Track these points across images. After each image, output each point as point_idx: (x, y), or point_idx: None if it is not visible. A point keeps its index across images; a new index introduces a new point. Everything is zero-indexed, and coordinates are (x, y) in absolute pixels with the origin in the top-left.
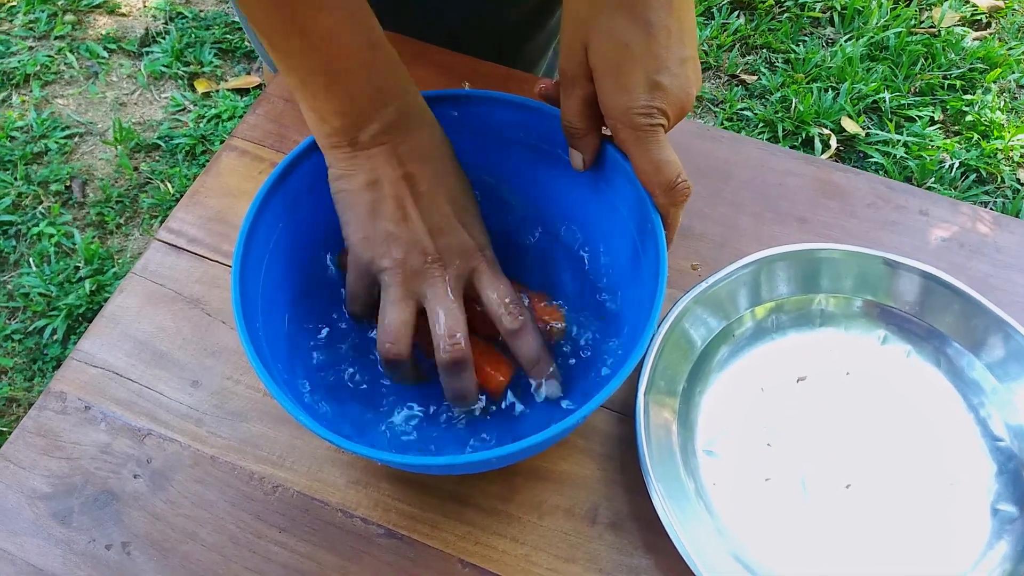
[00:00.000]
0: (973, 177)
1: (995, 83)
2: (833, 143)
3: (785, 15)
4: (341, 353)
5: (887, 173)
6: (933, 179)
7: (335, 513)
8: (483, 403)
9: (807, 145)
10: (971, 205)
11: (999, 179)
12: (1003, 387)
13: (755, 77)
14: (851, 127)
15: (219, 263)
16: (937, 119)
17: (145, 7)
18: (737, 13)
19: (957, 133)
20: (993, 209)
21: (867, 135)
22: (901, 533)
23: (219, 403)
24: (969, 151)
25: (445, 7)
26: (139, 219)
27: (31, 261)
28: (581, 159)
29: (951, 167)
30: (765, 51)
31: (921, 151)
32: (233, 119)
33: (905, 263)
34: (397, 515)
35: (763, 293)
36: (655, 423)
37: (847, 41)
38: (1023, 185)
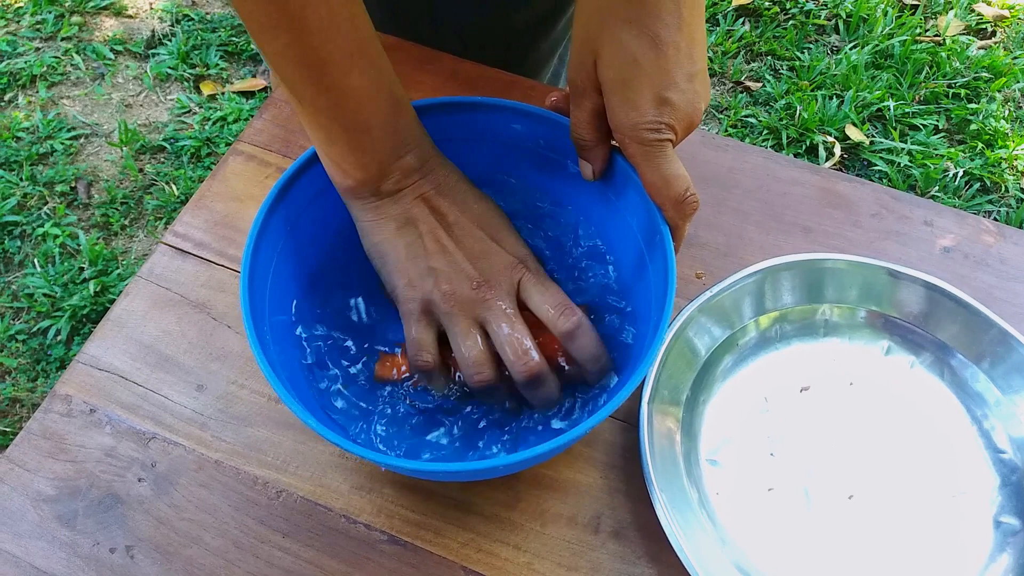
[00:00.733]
0: (977, 186)
1: (1000, 92)
2: (837, 151)
3: (790, 22)
4: (350, 355)
5: (891, 181)
6: (937, 188)
7: (338, 519)
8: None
9: (811, 152)
10: (976, 216)
11: (1003, 188)
12: (1007, 399)
13: (760, 84)
14: (855, 135)
15: (225, 267)
16: (941, 128)
17: (152, 9)
18: (742, 20)
19: (961, 142)
20: (997, 219)
21: (871, 143)
22: (904, 544)
23: (224, 407)
24: (973, 160)
25: (451, 13)
26: (144, 221)
27: (36, 262)
28: (591, 169)
29: (955, 176)
30: (770, 58)
31: (925, 160)
32: (238, 122)
33: (909, 274)
34: (400, 521)
35: (767, 303)
36: (659, 432)
37: (852, 49)
38: None
